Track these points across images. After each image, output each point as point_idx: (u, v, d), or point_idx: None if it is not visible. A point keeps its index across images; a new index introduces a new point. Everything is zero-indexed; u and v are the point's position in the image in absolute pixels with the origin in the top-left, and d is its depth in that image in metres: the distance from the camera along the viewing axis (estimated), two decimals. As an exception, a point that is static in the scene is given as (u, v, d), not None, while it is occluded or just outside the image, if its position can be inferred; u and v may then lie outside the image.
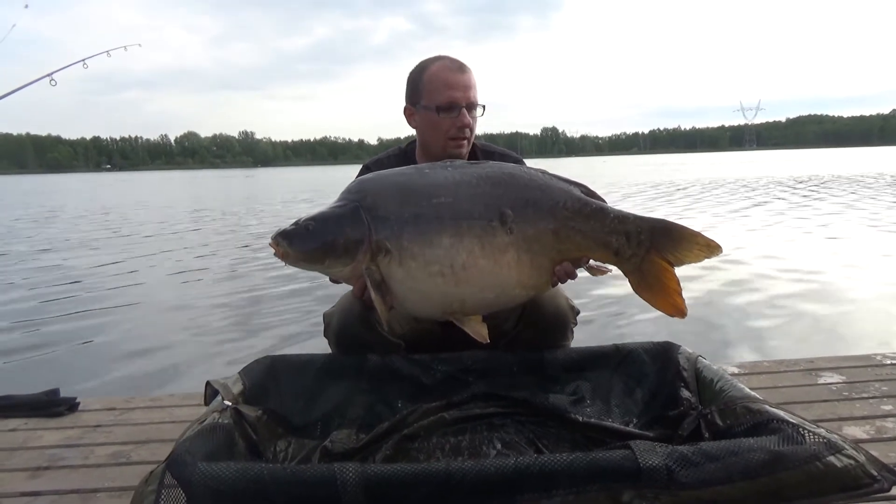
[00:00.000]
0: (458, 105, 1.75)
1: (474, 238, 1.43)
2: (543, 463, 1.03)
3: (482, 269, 1.44)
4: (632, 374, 1.65)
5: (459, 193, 1.46)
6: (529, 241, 1.47)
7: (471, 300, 1.48)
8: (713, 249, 1.48)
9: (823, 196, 15.01)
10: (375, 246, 1.43)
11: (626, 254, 1.51)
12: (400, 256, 1.43)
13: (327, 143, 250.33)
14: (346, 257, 1.44)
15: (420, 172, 1.52)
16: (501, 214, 1.45)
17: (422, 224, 1.43)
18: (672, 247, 1.49)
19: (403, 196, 1.46)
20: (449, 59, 1.81)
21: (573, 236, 1.50)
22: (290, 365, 1.62)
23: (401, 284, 1.45)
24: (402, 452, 1.49)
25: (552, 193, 1.51)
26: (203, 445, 1.13)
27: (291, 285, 6.07)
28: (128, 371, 3.77)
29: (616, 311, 4.69)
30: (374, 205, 1.45)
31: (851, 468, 1.03)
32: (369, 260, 1.44)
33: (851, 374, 2.24)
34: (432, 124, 1.79)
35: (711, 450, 1.05)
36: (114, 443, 1.93)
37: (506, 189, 1.48)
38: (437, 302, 1.48)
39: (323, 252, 1.45)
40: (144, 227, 13.13)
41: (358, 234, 1.43)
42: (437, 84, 1.76)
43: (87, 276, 7.30)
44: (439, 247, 1.42)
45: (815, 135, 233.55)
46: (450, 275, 1.43)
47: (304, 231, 1.45)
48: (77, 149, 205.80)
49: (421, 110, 1.80)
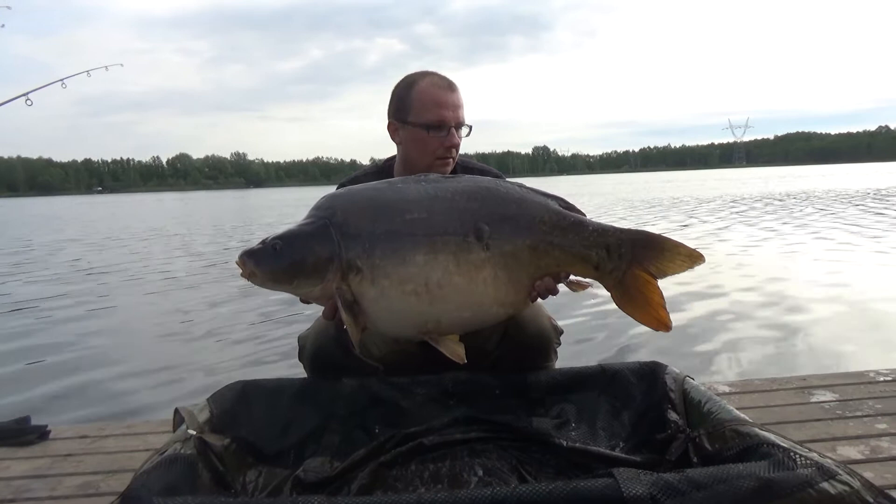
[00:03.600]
0: (448, 124, 1.72)
1: (449, 255, 1.38)
2: (521, 493, 0.97)
3: (458, 287, 1.38)
4: (618, 396, 1.60)
5: (434, 208, 1.40)
6: (506, 256, 1.42)
7: (446, 319, 1.42)
8: (696, 259, 1.44)
9: (814, 213, 15.09)
10: (346, 265, 1.37)
11: (607, 268, 1.46)
12: (372, 275, 1.37)
13: (320, 164, 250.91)
14: (316, 277, 1.38)
15: (392, 187, 1.47)
16: (477, 230, 1.40)
17: (394, 241, 1.37)
18: (654, 258, 1.45)
19: (375, 212, 1.40)
20: (438, 76, 1.78)
21: (551, 251, 1.45)
22: (263, 390, 1.56)
23: (374, 304, 1.39)
24: (378, 481, 1.43)
25: (529, 207, 1.47)
26: (161, 478, 1.07)
27: (269, 307, 6.00)
28: (103, 397, 3.68)
29: (602, 329, 4.64)
30: (344, 221, 1.39)
31: (846, 495, 0.97)
32: (340, 279, 1.38)
33: (845, 391, 2.20)
34: (420, 142, 1.75)
35: (698, 477, 0.99)
36: (84, 473, 1.85)
37: (481, 203, 1.43)
38: (411, 322, 1.43)
39: (291, 272, 1.38)
40: (120, 250, 13.02)
41: (327, 252, 1.37)
42: (427, 102, 1.73)
43: (61, 299, 7.18)
44: (413, 264, 1.36)
45: (804, 151, 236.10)
46: (424, 293, 1.37)
47: (271, 250, 1.38)
48: (68, 171, 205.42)
49: (408, 127, 1.76)
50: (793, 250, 8.75)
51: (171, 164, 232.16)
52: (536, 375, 1.64)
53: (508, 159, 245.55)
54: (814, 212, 15.19)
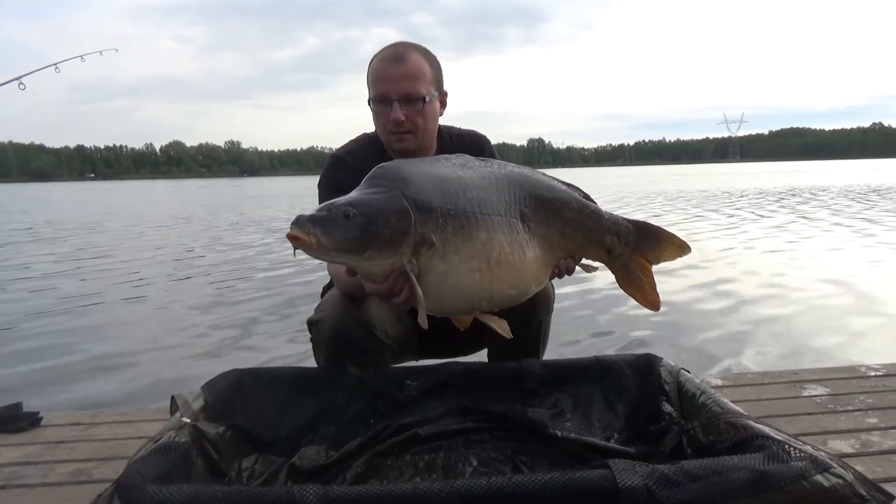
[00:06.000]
0: (389, 98, 1.70)
1: (503, 234, 1.40)
2: (517, 484, 0.97)
3: (511, 265, 1.41)
4: (613, 388, 1.61)
5: (486, 188, 1.42)
6: (541, 238, 1.48)
7: (498, 296, 1.43)
8: (685, 249, 1.63)
9: (808, 208, 15.16)
10: (420, 238, 1.32)
11: (616, 252, 1.60)
12: (443, 250, 1.33)
13: (314, 153, 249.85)
14: (390, 249, 1.30)
15: (444, 164, 1.45)
16: (521, 212, 1.45)
17: (462, 217, 1.35)
18: (652, 247, 1.62)
19: (441, 187, 1.37)
20: (391, 48, 1.75)
21: (575, 235, 1.55)
22: (258, 379, 1.55)
23: (440, 280, 1.35)
24: (373, 470, 1.43)
25: (558, 194, 1.55)
26: (156, 466, 1.07)
27: (266, 296, 5.99)
28: (96, 383, 3.66)
29: (598, 322, 4.65)
30: (417, 194, 1.34)
31: (839, 487, 0.98)
32: (411, 253, 1.32)
33: (836, 386, 2.21)
34: (375, 117, 1.77)
35: (694, 469, 0.99)
36: (76, 460, 1.84)
37: (520, 188, 1.48)
38: (470, 298, 1.41)
39: (365, 242, 1.27)
40: (113, 235, 12.95)
41: (404, 224, 1.30)
42: (373, 77, 1.73)
43: (54, 284, 7.15)
44: (478, 241, 1.36)
45: (798, 147, 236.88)
46: (486, 270, 1.37)
47: (342, 217, 1.26)
48: (61, 157, 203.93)
49: (369, 104, 1.77)
50: (790, 245, 8.79)
51: (165, 151, 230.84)
52: (532, 365, 1.64)
53: (503, 151, 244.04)
54: (811, 208, 15.25)
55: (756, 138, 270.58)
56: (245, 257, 8.93)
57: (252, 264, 8.20)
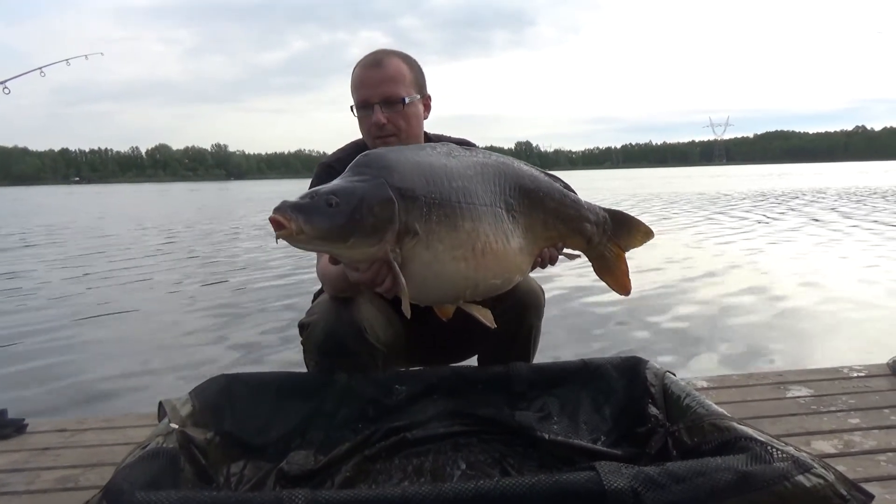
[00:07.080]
0: (370, 103, 1.71)
1: (488, 223, 1.40)
2: (505, 487, 0.98)
3: (496, 254, 1.41)
4: (600, 390, 1.62)
5: (471, 177, 1.42)
6: (525, 228, 1.50)
7: (482, 285, 1.43)
8: (649, 235, 1.72)
9: (790, 209, 15.30)
10: (404, 227, 1.31)
11: (595, 241, 1.65)
12: (428, 239, 1.33)
13: (302, 156, 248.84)
14: (374, 237, 1.28)
15: (429, 153, 1.45)
16: (505, 202, 1.46)
17: (446, 206, 1.35)
18: (625, 234, 1.69)
19: (426, 175, 1.37)
20: (371, 55, 1.77)
21: (558, 225, 1.58)
22: (246, 385, 1.55)
23: (424, 268, 1.35)
24: (362, 474, 1.43)
25: (542, 184, 1.57)
26: (144, 472, 1.06)
27: (253, 301, 5.96)
28: (82, 389, 3.63)
29: (584, 325, 4.67)
30: (402, 182, 1.33)
31: (821, 488, 1.00)
32: (395, 242, 1.31)
33: (819, 387, 2.24)
34: (359, 124, 1.78)
35: (678, 470, 1.01)
36: (62, 467, 1.83)
37: (505, 178, 1.49)
38: (454, 287, 1.41)
39: (349, 230, 1.25)
40: (97, 240, 12.85)
41: (388, 212, 1.29)
42: (355, 84, 1.75)
43: (38, 288, 7.09)
44: (462, 230, 1.36)
45: (783, 150, 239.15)
46: (471, 259, 1.37)
47: (325, 205, 1.24)
48: (45, 161, 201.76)
49: (352, 110, 1.79)
50: (772, 247, 8.88)
51: (151, 154, 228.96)
52: (519, 369, 1.65)
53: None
54: (792, 209, 15.38)
55: (741, 141, 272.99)
56: (235, 261, 8.89)
57: (242, 267, 8.16)
